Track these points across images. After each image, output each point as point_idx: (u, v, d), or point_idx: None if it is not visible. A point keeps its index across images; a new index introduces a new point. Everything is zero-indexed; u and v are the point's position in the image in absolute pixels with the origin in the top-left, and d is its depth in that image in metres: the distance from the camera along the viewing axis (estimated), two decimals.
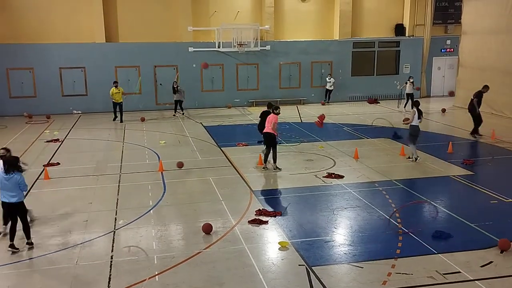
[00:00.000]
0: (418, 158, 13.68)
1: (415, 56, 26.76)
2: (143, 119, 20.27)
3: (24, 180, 8.35)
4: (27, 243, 8.49)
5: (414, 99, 15.70)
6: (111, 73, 23.38)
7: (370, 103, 25.27)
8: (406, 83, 22.94)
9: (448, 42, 27.11)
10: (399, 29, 26.56)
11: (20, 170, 8.42)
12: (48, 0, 22.62)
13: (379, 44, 26.39)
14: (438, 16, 26.49)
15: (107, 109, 23.31)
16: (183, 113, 22.37)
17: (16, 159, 8.55)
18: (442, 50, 27.28)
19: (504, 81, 20.73)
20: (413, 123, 13.67)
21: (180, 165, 13.43)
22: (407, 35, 26.60)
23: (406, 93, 22.74)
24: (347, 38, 25.71)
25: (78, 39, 23.02)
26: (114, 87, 20.65)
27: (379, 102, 25.19)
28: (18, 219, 8.47)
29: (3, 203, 8.42)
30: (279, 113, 13.13)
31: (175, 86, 21.88)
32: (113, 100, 20.67)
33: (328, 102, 25.38)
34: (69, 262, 7.96)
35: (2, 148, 9.36)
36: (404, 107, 22.65)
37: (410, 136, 13.89)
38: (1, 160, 8.69)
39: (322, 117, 14.45)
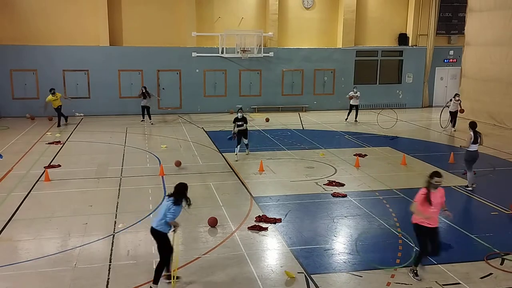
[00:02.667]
0: (474, 185, 12.20)
1: (418, 66, 26.79)
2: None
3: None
4: None
5: (470, 121, 12.69)
6: (114, 76, 23.45)
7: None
8: (451, 100, 19.95)
9: (451, 52, 27.15)
10: (402, 39, 26.61)
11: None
12: (53, 2, 22.73)
13: (382, 53, 26.43)
14: (441, 26, 26.56)
15: (109, 112, 23.41)
16: (151, 122, 21.18)
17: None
18: (445, 61, 27.31)
19: (506, 93, 20.74)
20: (469, 148, 11.93)
21: (178, 163, 13.61)
22: (410, 44, 26.65)
23: (450, 111, 19.97)
24: (350, 47, 25.76)
25: (82, 42, 23.10)
26: (51, 95, 20.08)
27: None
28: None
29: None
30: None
31: (145, 91, 20.83)
32: (53, 107, 20.27)
33: (356, 121, 22.01)
34: (68, 264, 7.95)
35: None
36: (451, 126, 19.97)
37: (465, 162, 12.23)
38: None
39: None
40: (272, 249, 8.58)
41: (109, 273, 7.68)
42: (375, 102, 26.41)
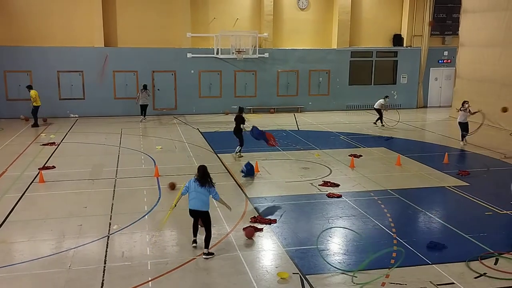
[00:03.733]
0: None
1: (412, 67, 26.89)
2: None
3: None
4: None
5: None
6: (109, 77, 23.40)
7: None
8: (460, 110, 17.62)
9: (446, 53, 27.26)
10: (397, 40, 26.69)
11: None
12: (48, 3, 22.65)
13: (377, 54, 26.50)
14: (436, 27, 26.64)
15: (104, 113, 23.34)
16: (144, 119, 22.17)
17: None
18: (440, 61, 27.42)
19: (500, 93, 20.84)
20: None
21: (172, 186, 11.92)
22: (405, 45, 26.74)
23: (458, 122, 17.60)
24: (345, 47, 25.82)
25: (77, 43, 23.03)
26: (35, 90, 20.53)
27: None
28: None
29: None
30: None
31: (146, 89, 21.85)
32: (36, 105, 20.46)
33: (382, 125, 21.12)
34: (62, 266, 7.91)
35: None
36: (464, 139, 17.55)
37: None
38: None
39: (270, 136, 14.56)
40: (267, 250, 8.59)
41: (103, 274, 7.66)
42: (370, 103, 26.42)
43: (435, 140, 18.49)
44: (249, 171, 13.19)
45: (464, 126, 17.37)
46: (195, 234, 8.77)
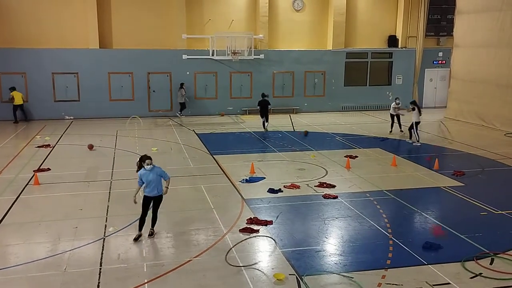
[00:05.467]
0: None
1: (407, 68, 26.98)
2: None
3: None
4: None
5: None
6: (104, 79, 23.34)
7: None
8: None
9: (440, 54, 27.37)
10: (392, 41, 26.78)
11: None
12: (42, 5, 22.57)
13: (372, 55, 26.58)
14: (430, 28, 26.76)
15: (99, 115, 23.28)
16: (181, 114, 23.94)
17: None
18: (434, 62, 27.53)
19: (494, 94, 20.96)
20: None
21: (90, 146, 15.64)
22: (399, 46, 26.83)
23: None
24: (340, 49, 25.87)
25: (71, 45, 22.97)
26: (17, 91, 21.76)
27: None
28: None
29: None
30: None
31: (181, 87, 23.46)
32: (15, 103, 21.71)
33: (401, 131, 19.80)
34: (58, 269, 7.88)
35: None
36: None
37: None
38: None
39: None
40: (264, 251, 8.58)
41: (99, 277, 7.63)
42: (365, 104, 26.58)
43: (430, 141, 18.54)
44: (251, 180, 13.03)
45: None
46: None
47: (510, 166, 14.67)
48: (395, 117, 19.89)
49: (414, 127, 17.85)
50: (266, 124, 20.56)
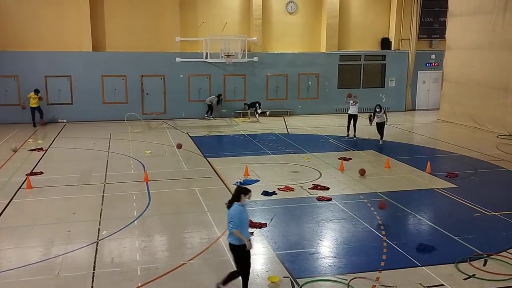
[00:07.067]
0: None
1: (400, 70, 27.09)
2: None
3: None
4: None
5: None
6: (97, 82, 23.26)
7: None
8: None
9: (433, 56, 27.51)
10: (385, 43, 26.89)
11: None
12: (35, 8, 22.46)
13: (365, 58, 26.67)
14: (423, 30, 26.91)
15: (93, 118, 23.18)
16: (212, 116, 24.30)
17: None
18: (427, 64, 27.66)
19: (487, 96, 21.08)
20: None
21: (179, 146, 16.38)
22: (392, 49, 26.94)
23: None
24: (334, 51, 25.94)
25: (64, 48, 22.86)
26: (33, 93, 21.51)
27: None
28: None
29: None
30: None
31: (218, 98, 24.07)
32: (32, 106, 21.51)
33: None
34: (51, 273, 7.83)
35: None
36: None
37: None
38: None
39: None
40: (258, 254, 8.56)
41: (93, 281, 7.59)
42: (359, 106, 26.56)
43: (423, 143, 18.62)
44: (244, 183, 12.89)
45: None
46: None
47: (503, 167, 14.76)
48: (353, 119, 19.64)
49: (382, 128, 18.20)
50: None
